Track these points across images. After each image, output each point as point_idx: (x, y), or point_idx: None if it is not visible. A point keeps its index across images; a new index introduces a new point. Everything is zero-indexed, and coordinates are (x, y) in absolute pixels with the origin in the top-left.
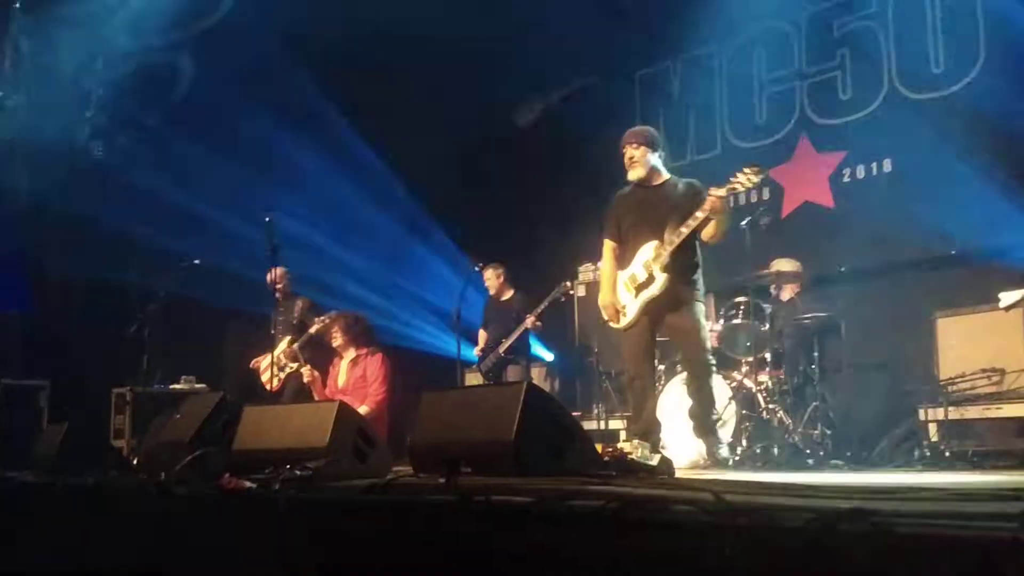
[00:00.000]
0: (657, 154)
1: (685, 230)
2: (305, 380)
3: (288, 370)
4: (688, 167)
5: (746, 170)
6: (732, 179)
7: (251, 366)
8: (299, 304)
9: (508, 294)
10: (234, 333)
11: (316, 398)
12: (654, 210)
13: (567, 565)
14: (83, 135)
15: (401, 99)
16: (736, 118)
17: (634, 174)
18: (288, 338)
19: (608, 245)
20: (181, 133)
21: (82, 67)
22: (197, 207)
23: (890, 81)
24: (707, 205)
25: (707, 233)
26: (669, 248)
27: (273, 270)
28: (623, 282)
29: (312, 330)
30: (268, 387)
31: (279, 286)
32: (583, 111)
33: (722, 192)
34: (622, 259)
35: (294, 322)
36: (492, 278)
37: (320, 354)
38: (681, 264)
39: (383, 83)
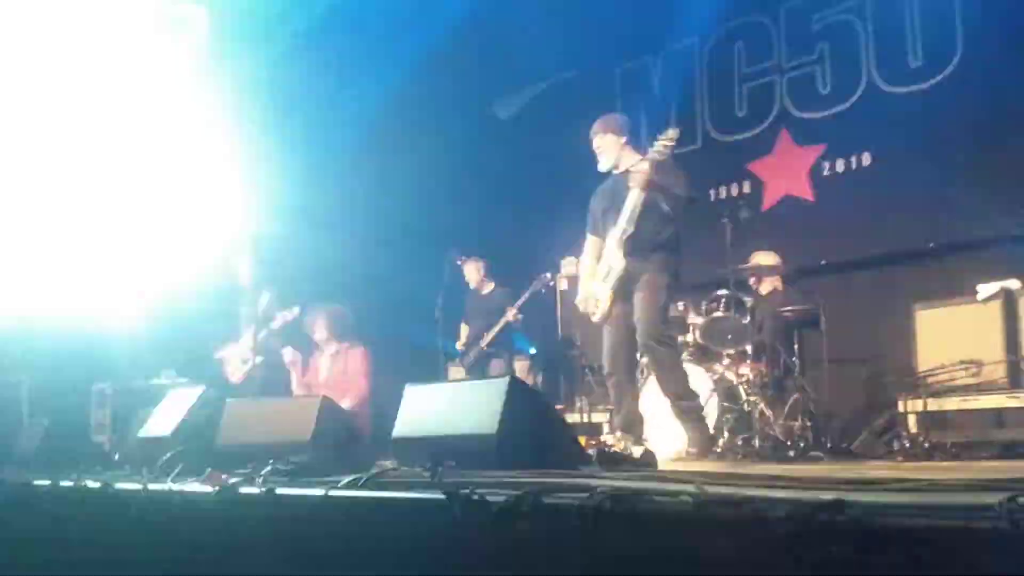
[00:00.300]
0: (623, 140)
1: (630, 211)
2: (287, 361)
3: (251, 363)
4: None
5: (660, 136)
6: (651, 149)
7: (216, 357)
8: (264, 295)
9: (489, 288)
10: (212, 327)
11: (295, 383)
12: (623, 196)
13: (550, 557)
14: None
15: (383, 91)
16: (716, 112)
17: (602, 164)
18: (253, 330)
19: (589, 240)
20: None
21: None
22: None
23: (869, 75)
24: (632, 181)
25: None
26: (626, 232)
27: (239, 258)
28: (599, 275)
29: (275, 325)
30: (232, 379)
31: (244, 276)
32: (564, 105)
33: (644, 165)
34: (602, 252)
35: (259, 314)
36: (473, 272)
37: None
38: (642, 244)
39: (366, 75)
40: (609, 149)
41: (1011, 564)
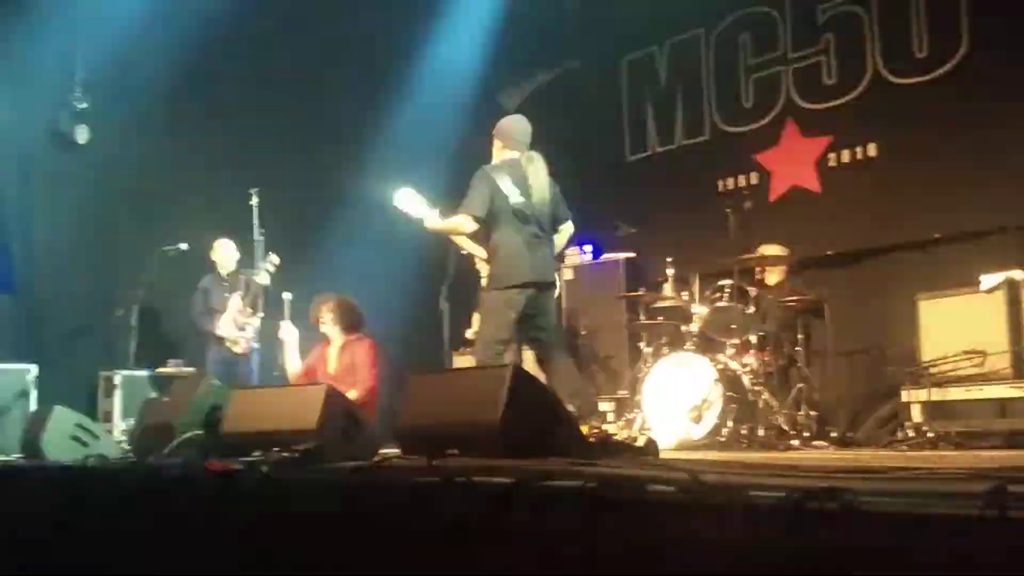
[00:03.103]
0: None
1: None
2: (281, 335)
3: (251, 329)
4: (677, 152)
5: None
6: None
7: (217, 335)
8: (244, 279)
9: None
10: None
11: (288, 361)
12: None
13: (548, 544)
14: (67, 118)
15: (387, 79)
16: (723, 103)
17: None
18: (238, 294)
19: None
20: (166, 113)
21: (66, 49)
22: (183, 189)
23: (874, 66)
24: None
25: None
26: None
27: (222, 243)
28: None
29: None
30: (237, 350)
31: (224, 260)
32: (570, 95)
33: None
34: None
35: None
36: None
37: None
38: None
39: (370, 65)
40: None
41: (997, 552)
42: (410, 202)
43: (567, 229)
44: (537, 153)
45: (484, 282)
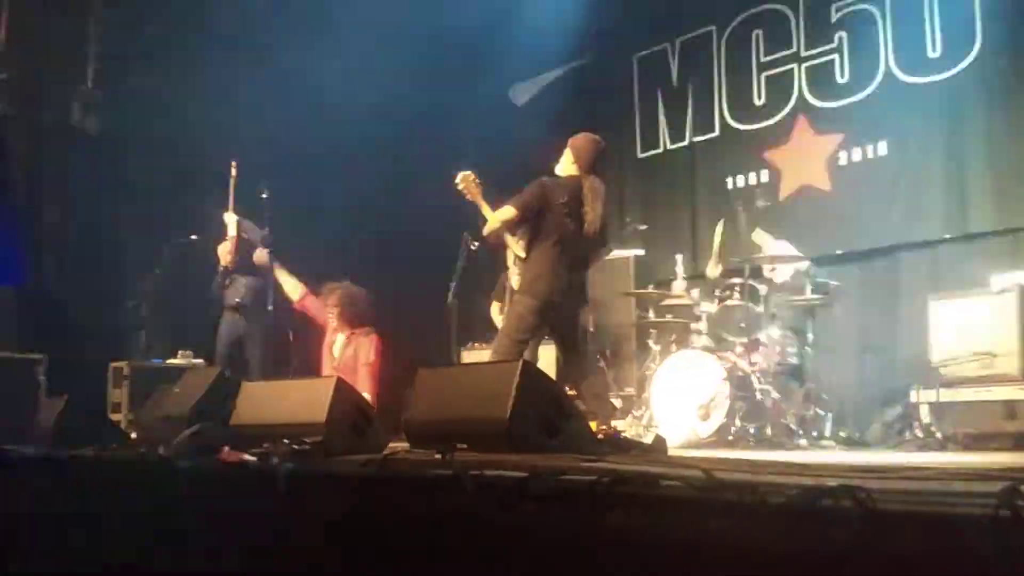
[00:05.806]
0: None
1: None
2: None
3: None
4: (687, 149)
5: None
6: None
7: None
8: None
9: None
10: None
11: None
12: None
13: (559, 539)
14: (79, 109)
15: (399, 70)
16: (734, 100)
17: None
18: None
19: None
20: (177, 104)
21: (78, 38)
22: (198, 180)
23: (887, 65)
24: None
25: None
26: None
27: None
28: None
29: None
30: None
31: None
32: (583, 91)
33: None
34: None
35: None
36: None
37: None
38: None
39: (381, 55)
40: None
41: (1010, 550)
42: (471, 187)
43: (604, 254)
44: (600, 180)
45: (515, 282)
